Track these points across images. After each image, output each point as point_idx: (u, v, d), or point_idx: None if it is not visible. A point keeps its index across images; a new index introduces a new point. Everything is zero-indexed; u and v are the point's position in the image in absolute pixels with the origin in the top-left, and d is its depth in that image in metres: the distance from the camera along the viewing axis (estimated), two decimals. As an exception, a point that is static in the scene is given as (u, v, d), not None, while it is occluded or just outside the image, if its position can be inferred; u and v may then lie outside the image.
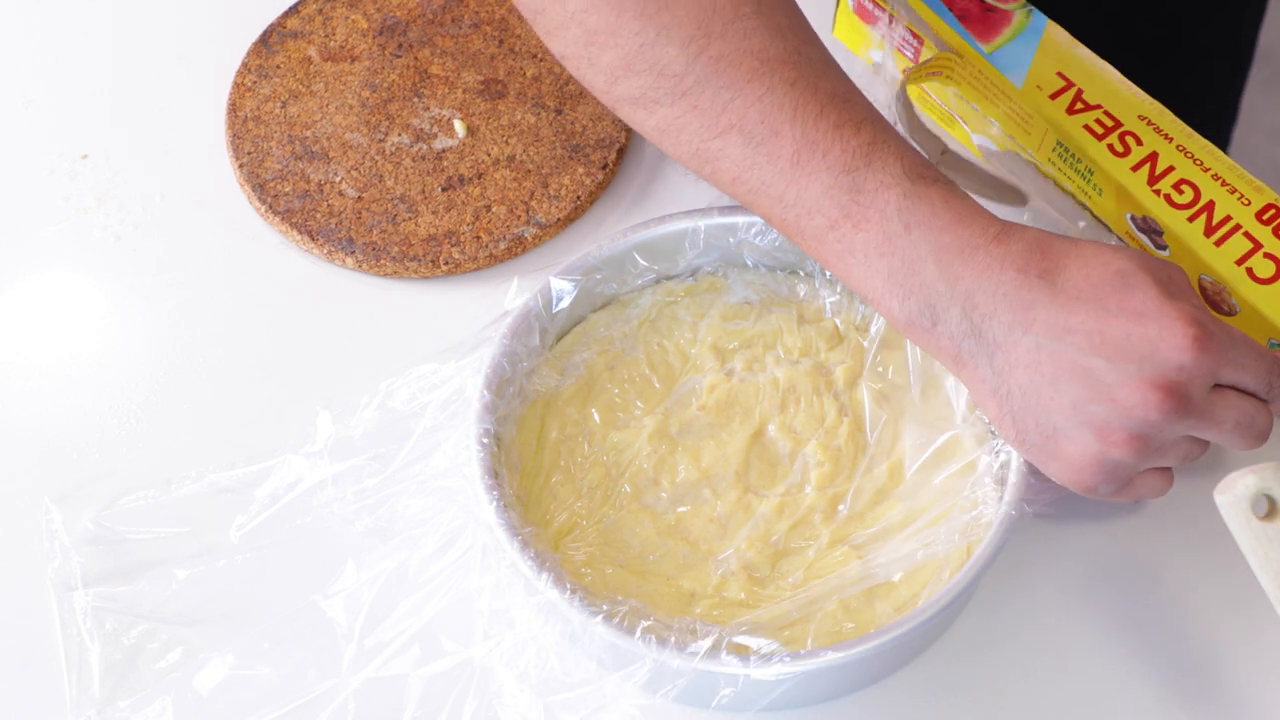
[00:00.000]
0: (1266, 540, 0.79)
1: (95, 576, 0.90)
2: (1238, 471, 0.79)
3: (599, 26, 0.84)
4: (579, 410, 0.92)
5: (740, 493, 0.89)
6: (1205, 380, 0.79)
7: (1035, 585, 0.89)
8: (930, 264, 0.81)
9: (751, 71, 0.84)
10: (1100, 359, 0.79)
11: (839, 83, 0.85)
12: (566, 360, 0.93)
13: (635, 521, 0.89)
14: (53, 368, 0.99)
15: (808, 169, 0.83)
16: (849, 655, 0.81)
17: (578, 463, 0.90)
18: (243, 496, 0.92)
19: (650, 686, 0.82)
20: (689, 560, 0.87)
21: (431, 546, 0.89)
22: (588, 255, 0.93)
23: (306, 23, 1.10)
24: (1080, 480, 0.81)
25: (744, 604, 0.86)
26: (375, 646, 0.87)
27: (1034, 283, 0.80)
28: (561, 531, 0.88)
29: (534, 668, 0.85)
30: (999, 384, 0.81)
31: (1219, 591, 0.88)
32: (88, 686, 0.87)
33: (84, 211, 1.05)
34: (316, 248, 1.02)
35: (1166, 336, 0.79)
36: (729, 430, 0.91)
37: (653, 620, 0.83)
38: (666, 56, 0.84)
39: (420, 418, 0.91)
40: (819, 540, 0.87)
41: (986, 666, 0.88)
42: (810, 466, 0.90)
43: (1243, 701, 0.86)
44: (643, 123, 0.86)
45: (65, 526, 0.91)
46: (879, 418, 0.90)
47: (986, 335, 0.81)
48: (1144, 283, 0.80)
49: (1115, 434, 0.79)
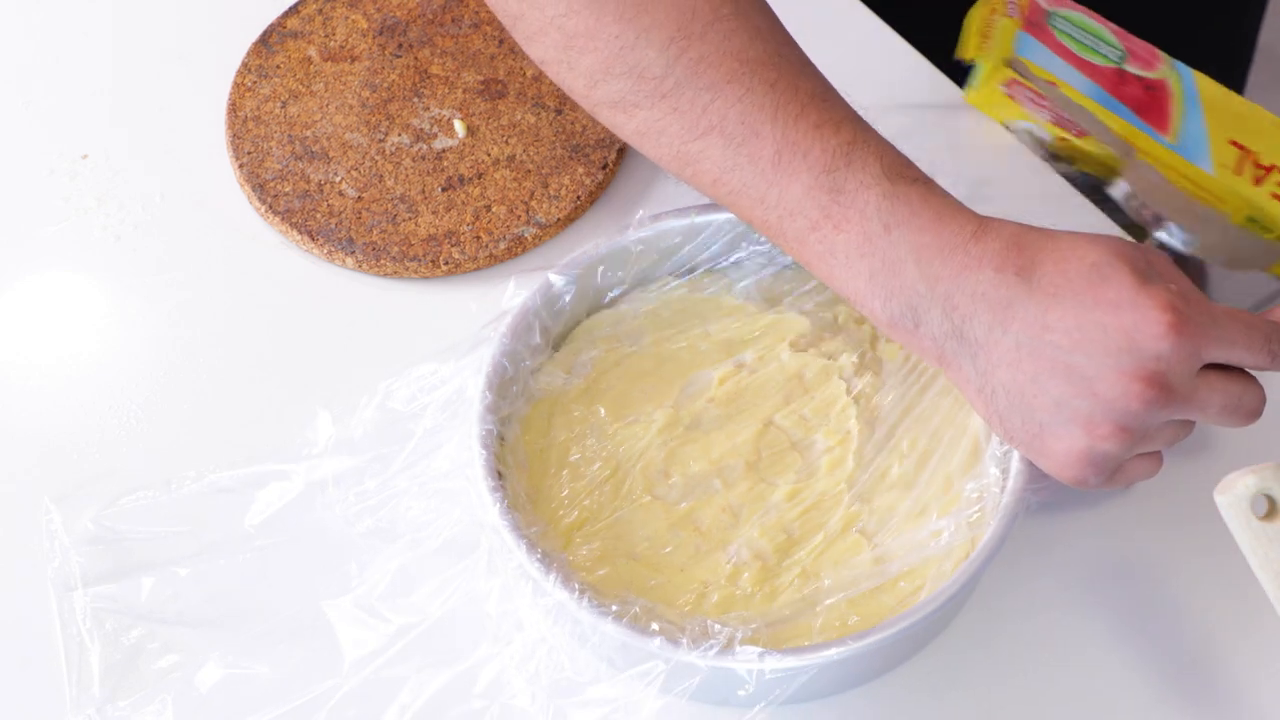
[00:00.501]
0: (1266, 540, 0.79)
1: (95, 576, 0.90)
2: (1238, 471, 0.79)
3: (578, 30, 0.84)
4: (586, 408, 0.92)
5: (751, 482, 0.89)
6: (1186, 365, 0.79)
7: (1036, 582, 0.89)
8: (910, 264, 0.81)
9: (731, 73, 0.83)
10: (1080, 354, 0.79)
11: (818, 83, 0.85)
12: (573, 359, 0.93)
13: (646, 514, 0.89)
14: (53, 368, 0.99)
15: (789, 170, 0.83)
16: (854, 650, 0.81)
17: (587, 459, 0.90)
18: (243, 496, 0.92)
19: (664, 686, 0.82)
20: (701, 551, 0.88)
21: (434, 548, 0.89)
22: (586, 252, 0.93)
23: (306, 23, 1.10)
24: (1070, 474, 0.81)
25: (756, 593, 0.86)
26: (378, 648, 0.87)
27: (1011, 280, 0.80)
28: (573, 527, 0.88)
29: (545, 669, 0.85)
30: (983, 383, 0.81)
31: (1219, 590, 0.88)
32: (88, 686, 0.87)
33: (84, 211, 1.05)
34: (316, 248, 1.02)
35: (1142, 325, 0.78)
36: (739, 421, 0.91)
37: (663, 621, 0.83)
38: (646, 59, 0.84)
39: (421, 418, 0.91)
40: (829, 527, 0.88)
41: (988, 661, 0.88)
42: (820, 454, 0.90)
43: (1242, 700, 0.86)
44: (622, 126, 0.86)
45: (65, 527, 0.91)
46: (887, 406, 0.90)
47: (968, 336, 0.81)
48: (1119, 272, 0.79)
49: (1100, 427, 0.79)
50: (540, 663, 0.85)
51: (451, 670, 0.86)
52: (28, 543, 0.92)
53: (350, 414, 0.92)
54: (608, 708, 0.83)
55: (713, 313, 0.94)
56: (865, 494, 0.89)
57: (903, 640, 0.83)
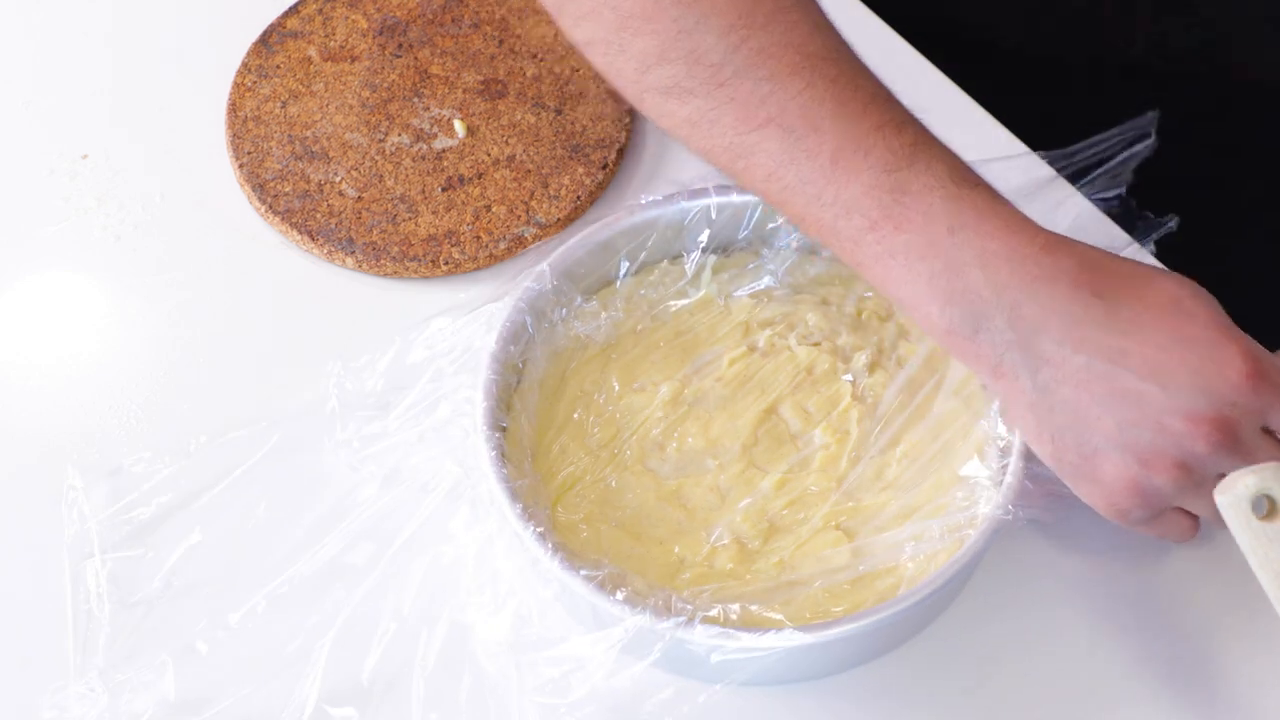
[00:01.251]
0: (1267, 540, 0.79)
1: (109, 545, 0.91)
2: (1238, 471, 0.79)
3: (634, 11, 0.83)
4: (600, 369, 0.93)
5: (743, 466, 0.90)
6: (1256, 419, 0.78)
7: (1032, 582, 0.89)
8: (975, 269, 0.79)
9: (793, 65, 0.81)
10: (1154, 385, 0.77)
11: (878, 85, 0.83)
12: (595, 319, 0.93)
13: (637, 483, 0.89)
14: (53, 368, 0.99)
15: (849, 167, 0.81)
16: (816, 639, 0.82)
17: (590, 420, 0.91)
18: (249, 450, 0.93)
19: (630, 650, 0.83)
20: (683, 527, 0.88)
21: (427, 495, 0.90)
22: (609, 224, 0.94)
23: (306, 23, 1.10)
24: (1114, 503, 0.80)
25: (731, 575, 0.86)
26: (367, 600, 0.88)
27: (1088, 300, 0.78)
28: (564, 486, 0.89)
29: (514, 623, 0.86)
30: (1040, 399, 0.79)
31: (1219, 590, 0.88)
32: (92, 654, 0.87)
33: (84, 211, 1.05)
34: (316, 248, 1.02)
35: (1224, 370, 0.77)
36: (742, 404, 0.91)
37: (631, 589, 0.83)
38: (705, 45, 0.82)
39: (431, 368, 0.92)
40: (813, 521, 0.88)
41: (974, 658, 0.88)
42: (816, 448, 0.90)
43: (1243, 699, 0.86)
44: (674, 114, 0.84)
45: (85, 493, 0.92)
46: (891, 407, 0.90)
47: (1033, 348, 0.79)
48: (1203, 311, 0.78)
49: (1158, 460, 0.78)
50: (510, 615, 0.86)
51: (424, 614, 0.87)
52: (28, 543, 0.92)
53: (363, 366, 0.93)
54: (569, 665, 0.84)
55: (737, 293, 0.95)
56: (855, 492, 0.89)
57: (870, 635, 0.83)
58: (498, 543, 0.88)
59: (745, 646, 0.82)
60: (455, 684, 0.86)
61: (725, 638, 0.82)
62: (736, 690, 0.85)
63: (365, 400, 0.93)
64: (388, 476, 0.91)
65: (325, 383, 0.94)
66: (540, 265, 0.92)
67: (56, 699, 0.86)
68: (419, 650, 0.86)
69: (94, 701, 0.86)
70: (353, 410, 0.93)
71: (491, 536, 0.88)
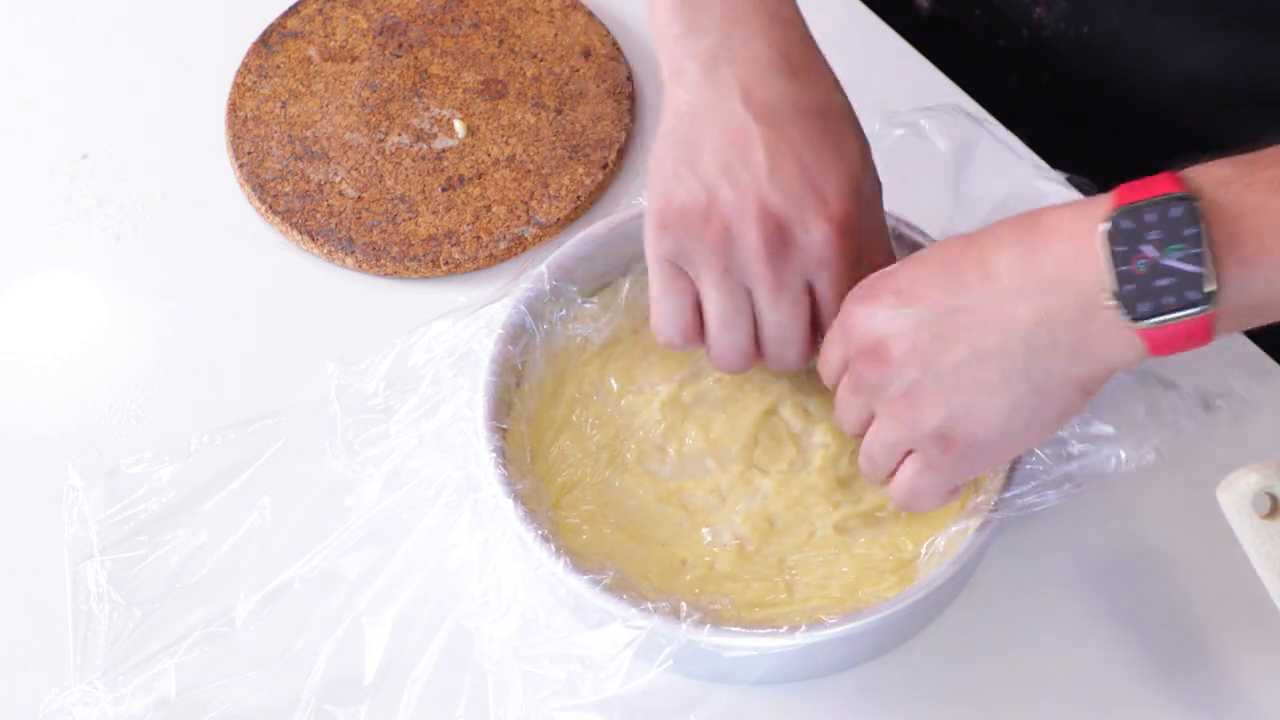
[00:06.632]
0: (1268, 538, 0.79)
1: (108, 545, 0.91)
2: (1240, 470, 0.79)
3: None
4: (598, 371, 0.93)
5: (744, 467, 0.90)
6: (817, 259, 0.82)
7: (1035, 581, 0.90)
8: None
9: None
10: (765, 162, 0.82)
11: None
12: (594, 320, 0.93)
13: (637, 485, 0.90)
14: (53, 368, 0.99)
15: None
16: (818, 637, 0.82)
17: (589, 422, 0.91)
18: (251, 453, 0.93)
19: (636, 654, 0.83)
20: (684, 528, 0.88)
21: (431, 501, 0.90)
22: (609, 224, 0.94)
23: (306, 23, 1.10)
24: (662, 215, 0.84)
25: (731, 577, 0.87)
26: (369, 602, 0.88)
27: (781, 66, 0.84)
28: (564, 488, 0.89)
29: (520, 626, 0.86)
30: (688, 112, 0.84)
31: (1220, 588, 0.88)
32: (93, 655, 0.87)
33: (84, 211, 1.05)
34: (316, 248, 1.02)
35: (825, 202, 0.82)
36: (742, 405, 0.91)
37: (637, 592, 0.83)
38: None
39: (431, 371, 0.92)
40: (813, 522, 0.88)
41: (974, 657, 0.88)
42: (816, 449, 0.90)
43: (1243, 697, 0.86)
44: None
45: (85, 494, 0.92)
46: None
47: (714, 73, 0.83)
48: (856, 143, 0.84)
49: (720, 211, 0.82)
50: (516, 619, 0.86)
51: (426, 618, 0.87)
52: (28, 543, 0.92)
53: (363, 369, 0.94)
54: (576, 665, 0.84)
55: None
56: (854, 495, 0.89)
57: (869, 635, 0.83)
58: (500, 546, 0.88)
59: (750, 647, 0.82)
60: (457, 685, 0.86)
61: (731, 639, 0.82)
62: (737, 690, 0.85)
63: (366, 403, 0.93)
64: (388, 479, 0.91)
65: (326, 384, 0.94)
66: (539, 266, 0.92)
67: (57, 700, 0.86)
68: (420, 652, 0.87)
69: (94, 702, 0.86)
70: (354, 413, 0.93)
71: (494, 540, 0.88)
